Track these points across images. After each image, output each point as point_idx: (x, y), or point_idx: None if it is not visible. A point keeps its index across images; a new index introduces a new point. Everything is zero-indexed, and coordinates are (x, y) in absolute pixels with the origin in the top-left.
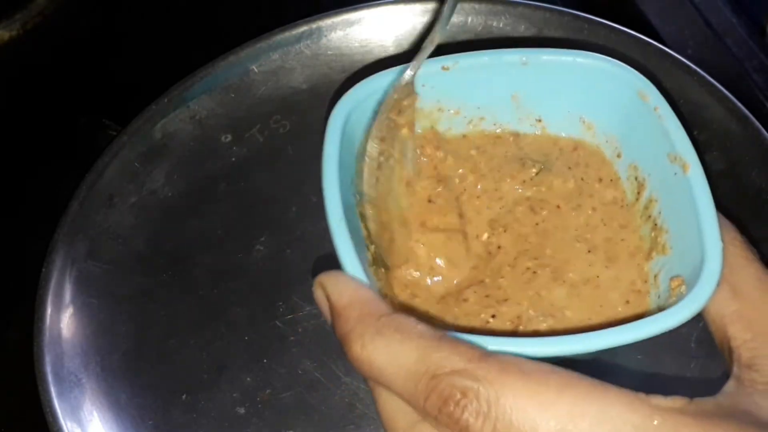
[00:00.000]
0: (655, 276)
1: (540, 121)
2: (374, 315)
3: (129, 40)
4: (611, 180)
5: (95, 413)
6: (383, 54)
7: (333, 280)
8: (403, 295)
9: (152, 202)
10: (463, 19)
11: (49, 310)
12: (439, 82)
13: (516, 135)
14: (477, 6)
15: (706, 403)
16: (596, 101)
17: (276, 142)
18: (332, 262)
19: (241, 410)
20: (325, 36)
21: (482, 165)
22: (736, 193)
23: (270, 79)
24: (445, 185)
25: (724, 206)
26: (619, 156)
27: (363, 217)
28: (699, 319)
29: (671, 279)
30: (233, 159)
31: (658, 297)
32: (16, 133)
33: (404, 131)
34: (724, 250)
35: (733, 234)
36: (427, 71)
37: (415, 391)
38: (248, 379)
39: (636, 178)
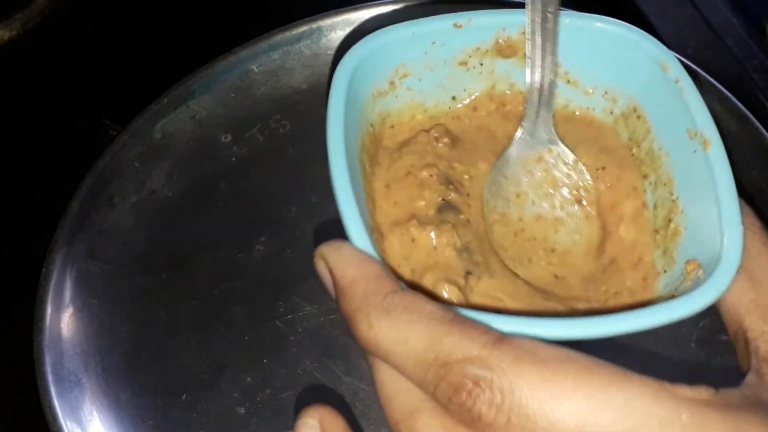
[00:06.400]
0: (666, 254)
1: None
2: (381, 292)
3: (129, 40)
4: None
5: (95, 413)
6: None
7: (336, 253)
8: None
9: (152, 202)
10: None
11: (49, 310)
12: (450, 39)
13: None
14: (477, 6)
15: (733, 395)
16: (616, 69)
17: (276, 142)
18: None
19: (241, 410)
20: (325, 36)
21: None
22: None
23: (270, 79)
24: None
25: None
26: (634, 133)
27: (365, 173)
28: (700, 319)
29: (687, 262)
30: (233, 159)
31: (668, 278)
32: (15, 133)
33: None
34: (744, 235)
35: (752, 219)
36: (438, 27)
37: (424, 377)
38: (248, 379)
39: (652, 154)
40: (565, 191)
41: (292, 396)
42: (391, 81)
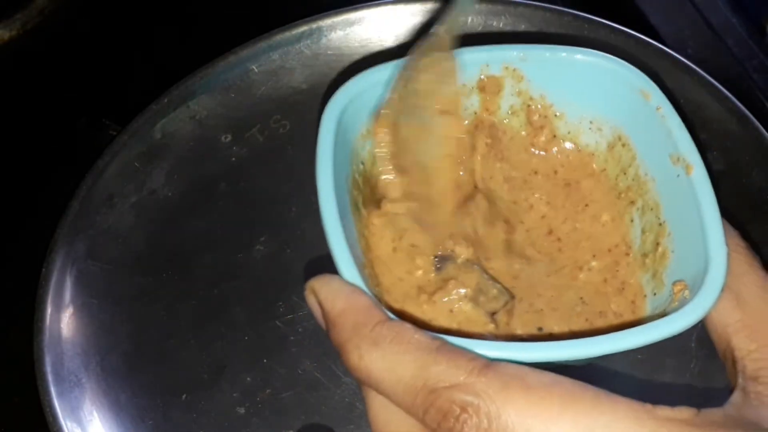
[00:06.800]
0: (655, 277)
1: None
2: (370, 323)
3: (129, 40)
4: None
5: (95, 413)
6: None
7: (325, 286)
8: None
9: (152, 202)
10: (463, 19)
11: (49, 310)
12: None
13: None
14: (477, 6)
15: (714, 413)
16: (599, 100)
17: (276, 142)
18: (332, 263)
19: (241, 410)
20: (325, 36)
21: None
22: (736, 193)
23: (270, 79)
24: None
25: (723, 206)
26: (620, 160)
27: (358, 212)
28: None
29: (674, 283)
30: (233, 159)
31: (657, 301)
32: (15, 134)
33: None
34: (728, 256)
35: (737, 240)
36: None
37: (413, 403)
38: (248, 379)
39: (638, 180)
40: (436, 102)
41: (292, 396)
42: None
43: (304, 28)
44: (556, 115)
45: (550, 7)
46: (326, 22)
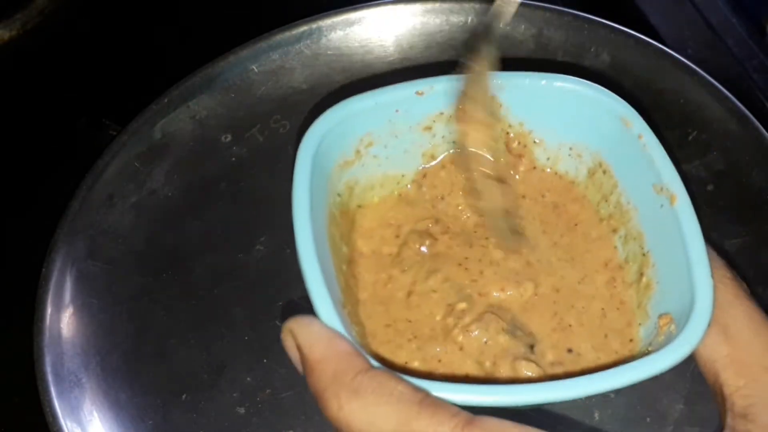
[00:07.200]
0: (639, 308)
1: (521, 155)
2: (351, 371)
3: (129, 40)
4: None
5: (95, 413)
6: (383, 54)
7: (305, 329)
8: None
9: (152, 202)
10: (463, 19)
11: (49, 310)
12: (413, 106)
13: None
14: (477, 6)
15: None
16: (579, 127)
17: (276, 142)
18: None
19: (241, 410)
20: (325, 36)
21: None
22: (736, 193)
23: (270, 79)
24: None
25: (723, 206)
26: (602, 188)
27: (336, 249)
28: None
29: (659, 317)
30: (233, 159)
31: (645, 333)
32: (15, 134)
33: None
34: (714, 289)
35: (723, 270)
36: (400, 96)
37: None
38: (248, 379)
39: (621, 209)
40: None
41: (292, 396)
42: (357, 150)
43: (304, 28)
44: (535, 142)
45: (550, 7)
46: (326, 22)
